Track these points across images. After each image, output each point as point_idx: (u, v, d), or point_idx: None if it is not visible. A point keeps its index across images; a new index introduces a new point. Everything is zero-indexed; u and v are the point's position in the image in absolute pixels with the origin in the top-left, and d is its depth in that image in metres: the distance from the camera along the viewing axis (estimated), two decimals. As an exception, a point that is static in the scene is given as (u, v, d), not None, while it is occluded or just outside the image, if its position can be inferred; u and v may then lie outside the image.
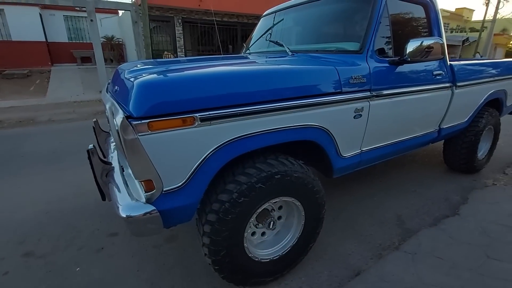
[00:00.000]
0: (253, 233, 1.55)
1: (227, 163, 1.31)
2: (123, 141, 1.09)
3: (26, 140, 4.46)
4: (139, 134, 1.06)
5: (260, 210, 1.44)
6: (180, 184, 1.22)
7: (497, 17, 18.91)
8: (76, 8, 11.55)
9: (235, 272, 1.47)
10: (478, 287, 1.61)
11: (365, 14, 1.84)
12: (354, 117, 1.69)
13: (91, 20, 7.86)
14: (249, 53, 2.66)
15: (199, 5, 11.08)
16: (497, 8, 18.56)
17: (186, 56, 12.14)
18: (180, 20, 11.81)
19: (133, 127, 1.05)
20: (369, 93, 1.71)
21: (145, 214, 1.16)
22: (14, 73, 10.27)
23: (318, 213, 1.65)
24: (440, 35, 2.21)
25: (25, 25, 11.34)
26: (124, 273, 1.74)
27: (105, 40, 12.74)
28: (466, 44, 22.76)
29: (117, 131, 1.10)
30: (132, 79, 1.20)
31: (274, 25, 2.54)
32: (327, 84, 1.55)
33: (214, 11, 11.35)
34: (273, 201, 1.47)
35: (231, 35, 13.35)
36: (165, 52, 11.57)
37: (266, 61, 1.89)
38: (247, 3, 11.99)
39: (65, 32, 13.23)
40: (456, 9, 29.90)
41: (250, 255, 1.48)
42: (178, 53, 12.11)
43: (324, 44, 2.06)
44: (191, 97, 1.16)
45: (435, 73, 2.17)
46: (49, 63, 12.05)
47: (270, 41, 2.41)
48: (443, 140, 2.92)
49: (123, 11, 11.30)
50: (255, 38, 2.76)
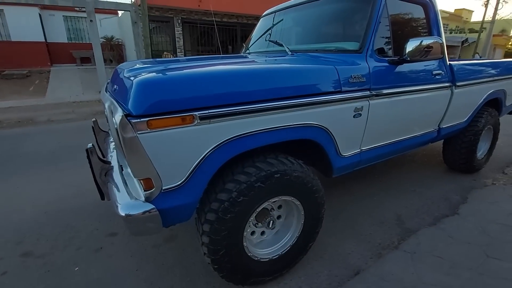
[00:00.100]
0: (252, 232, 1.55)
1: (227, 162, 1.31)
2: (122, 140, 1.09)
3: (25, 140, 4.46)
4: (138, 132, 1.06)
5: (259, 209, 1.43)
6: (179, 182, 1.21)
7: (496, 18, 18.95)
8: (75, 9, 11.57)
9: (234, 272, 1.46)
10: (478, 287, 1.61)
11: (365, 14, 1.84)
12: (354, 116, 1.69)
13: (91, 21, 7.87)
14: (249, 53, 2.66)
15: (199, 5, 11.09)
16: (496, 9, 18.59)
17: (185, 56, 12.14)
18: (179, 21, 11.82)
19: (132, 125, 1.05)
20: (368, 92, 1.71)
21: (144, 212, 1.16)
22: (13, 74, 10.27)
23: (317, 213, 1.65)
24: (439, 35, 2.21)
25: (24, 26, 11.35)
26: (123, 273, 1.73)
27: (104, 40, 12.75)
28: (465, 45, 22.80)
29: (116, 129, 1.10)
30: (131, 77, 1.20)
31: (274, 25, 2.54)
32: (327, 83, 1.55)
33: (213, 11, 11.37)
34: (273, 200, 1.46)
35: (230, 35, 13.37)
36: (165, 53, 11.56)
37: (265, 60, 1.89)
38: (246, 4, 12.00)
39: (64, 32, 13.24)
40: (455, 10, 29.93)
41: (249, 254, 1.48)
42: (178, 53, 12.12)
43: (323, 44, 2.06)
44: (190, 95, 1.15)
45: (434, 72, 2.17)
46: (49, 63, 12.06)
47: (269, 41, 2.41)
48: (443, 140, 2.92)
49: (122, 11, 11.31)
50: (254, 38, 2.76)
